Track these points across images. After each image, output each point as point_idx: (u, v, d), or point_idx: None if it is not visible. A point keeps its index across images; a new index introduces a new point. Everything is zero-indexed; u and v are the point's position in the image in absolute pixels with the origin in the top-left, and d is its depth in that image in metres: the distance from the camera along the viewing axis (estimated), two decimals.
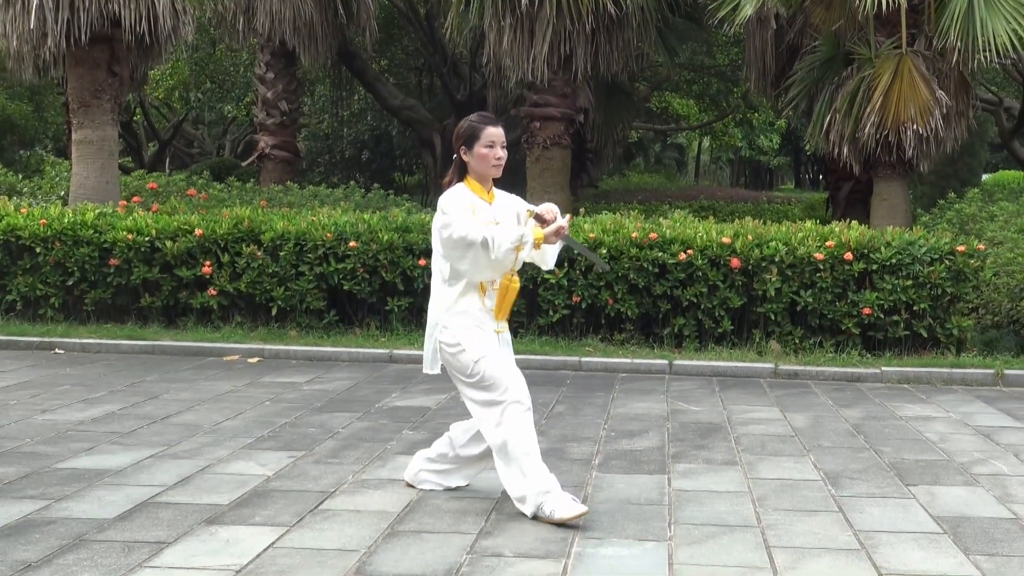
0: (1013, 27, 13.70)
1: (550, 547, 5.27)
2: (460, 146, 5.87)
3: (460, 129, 5.89)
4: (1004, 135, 26.42)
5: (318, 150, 30.09)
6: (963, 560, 5.22)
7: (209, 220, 12.16)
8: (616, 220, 12.10)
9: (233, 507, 5.88)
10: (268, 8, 18.34)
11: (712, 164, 68.18)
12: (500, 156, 5.86)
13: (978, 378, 10.44)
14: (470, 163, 5.85)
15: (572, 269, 11.38)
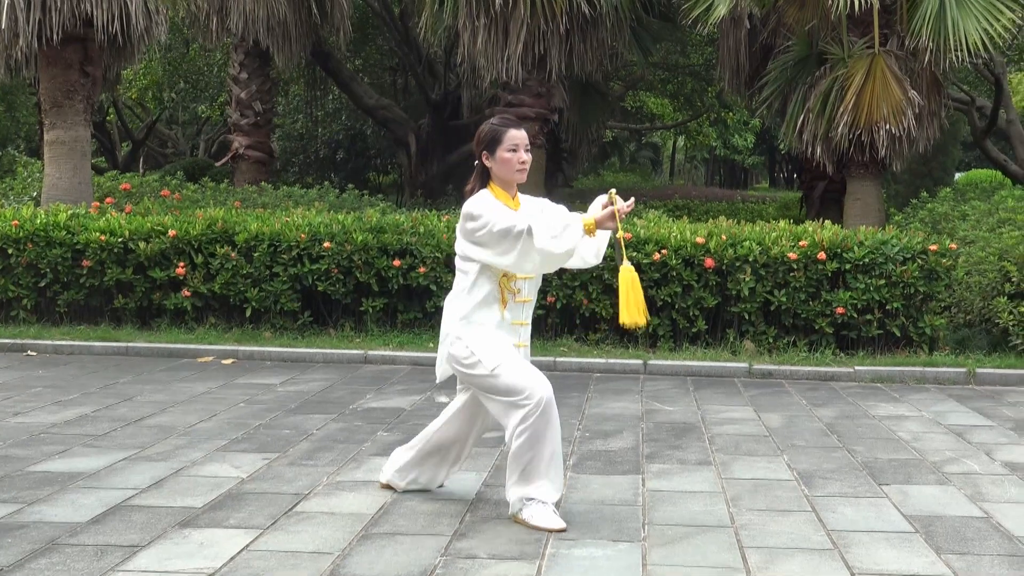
0: (984, 27, 13.77)
1: (524, 548, 5.28)
2: (482, 151, 5.69)
3: (481, 133, 5.73)
4: (976, 134, 26.53)
5: (292, 150, 30.03)
6: (935, 559, 5.25)
7: (183, 221, 12.12)
8: None
9: (207, 510, 5.87)
10: (241, 8, 18.27)
11: (687, 163, 68.31)
12: (524, 160, 5.67)
13: (950, 377, 10.49)
14: (493, 168, 5.68)
15: None
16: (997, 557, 5.30)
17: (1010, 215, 13.87)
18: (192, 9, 18.85)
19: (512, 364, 5.59)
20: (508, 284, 5.71)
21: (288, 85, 29.28)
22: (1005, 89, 25.64)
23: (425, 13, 17.17)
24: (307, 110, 29.60)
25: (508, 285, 5.71)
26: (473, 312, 5.67)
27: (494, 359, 5.57)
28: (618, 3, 16.47)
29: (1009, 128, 26.82)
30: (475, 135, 5.81)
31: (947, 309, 12.20)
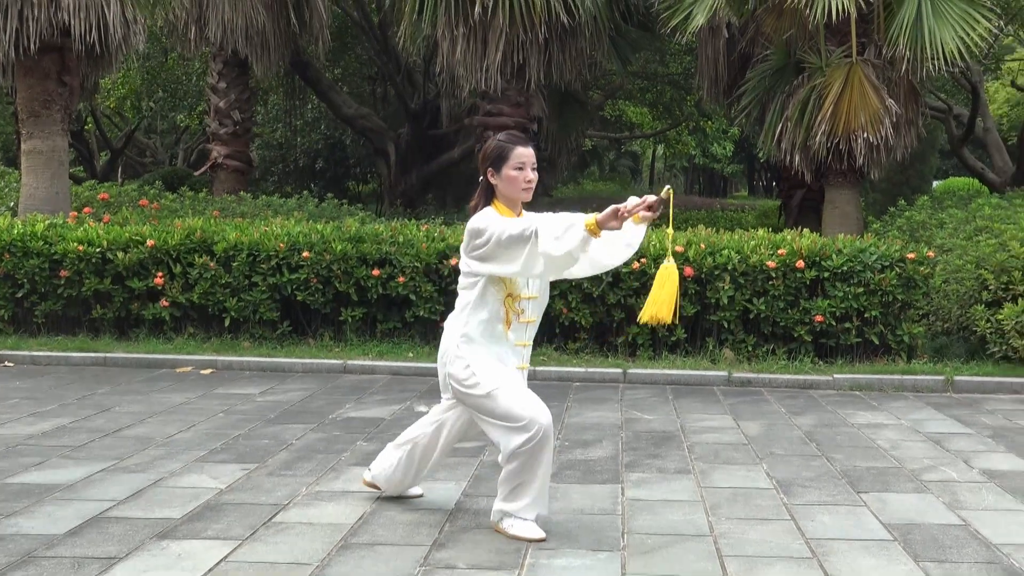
0: (960, 36, 13.84)
1: (503, 558, 5.27)
2: (487, 168, 5.56)
3: (487, 149, 5.60)
4: (954, 142, 26.69)
5: (272, 159, 29.99)
6: (913, 567, 5.26)
7: (161, 231, 12.08)
8: None
9: (185, 521, 5.84)
10: (220, 17, 18.26)
11: (666, 172, 68.46)
12: (531, 178, 5.56)
13: (928, 384, 10.53)
14: (498, 186, 5.55)
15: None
16: (975, 565, 5.32)
17: (987, 223, 13.94)
18: (170, 18, 18.79)
19: (512, 388, 5.50)
20: (513, 305, 5.61)
21: (267, 94, 29.25)
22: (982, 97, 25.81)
23: (404, 22, 17.17)
24: (286, 119, 29.57)
25: (513, 306, 5.61)
26: (475, 331, 5.56)
27: (493, 381, 5.49)
28: (597, 12, 16.50)
29: (986, 136, 26.99)
30: (481, 151, 5.72)
31: (925, 317, 12.26)
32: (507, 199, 5.57)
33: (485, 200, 5.61)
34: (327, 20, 20.39)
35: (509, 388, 5.49)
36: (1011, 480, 7.04)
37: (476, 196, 5.66)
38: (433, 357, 10.95)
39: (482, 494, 6.41)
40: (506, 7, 15.47)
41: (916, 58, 13.96)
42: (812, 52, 14.86)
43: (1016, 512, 6.27)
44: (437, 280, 11.57)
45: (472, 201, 5.69)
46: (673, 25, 15.28)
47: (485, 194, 5.62)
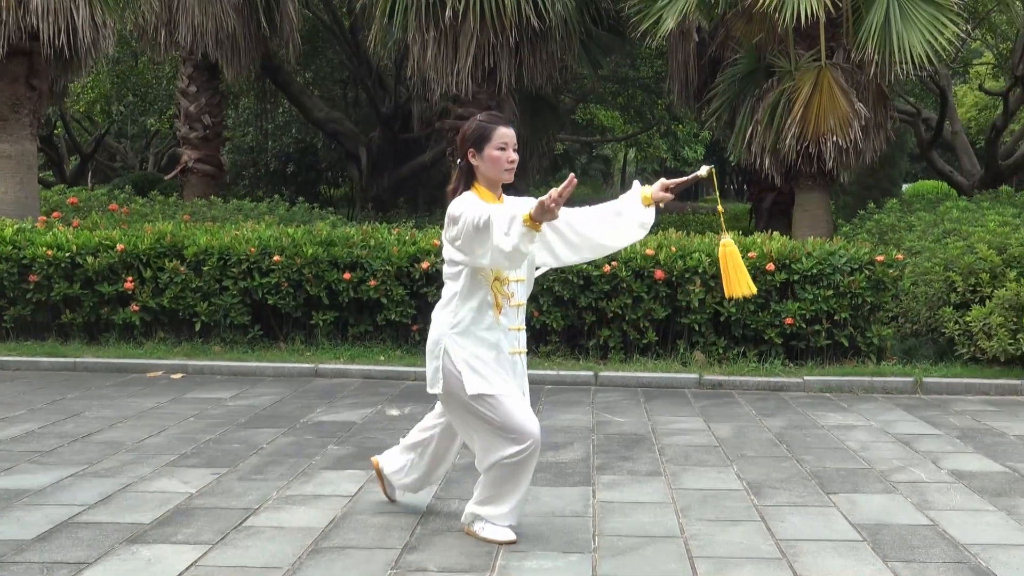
0: (928, 40, 13.93)
1: (475, 561, 5.28)
2: (468, 149, 5.40)
3: (468, 130, 5.43)
4: (922, 146, 26.86)
5: (243, 163, 29.89)
6: (881, 567, 5.30)
7: (131, 235, 12.03)
8: None
9: (155, 525, 5.83)
10: (190, 21, 18.21)
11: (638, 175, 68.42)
12: (513, 159, 5.41)
13: (898, 386, 10.59)
14: (479, 167, 5.39)
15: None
16: (942, 564, 5.35)
17: (955, 226, 14.04)
18: (140, 22, 18.71)
19: (511, 396, 5.37)
20: (501, 288, 5.43)
21: (238, 98, 29.17)
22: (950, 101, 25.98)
23: (375, 26, 17.15)
24: (257, 123, 29.50)
25: (501, 289, 5.43)
26: (467, 320, 5.37)
27: (493, 385, 5.34)
28: (567, 16, 16.54)
29: (954, 139, 27.17)
30: (460, 131, 5.53)
31: (894, 319, 12.33)
32: (488, 181, 5.43)
33: (465, 183, 5.44)
34: (298, 24, 20.35)
35: (508, 395, 5.35)
36: (979, 480, 7.09)
37: (455, 179, 5.50)
38: (405, 360, 11.04)
39: (454, 497, 6.41)
40: (477, 11, 15.49)
41: (884, 62, 14.05)
42: (781, 56, 14.94)
43: (984, 512, 6.32)
44: (409, 283, 11.57)
45: (451, 184, 5.52)
46: (643, 29, 15.34)
47: (465, 177, 5.45)
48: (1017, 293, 10.75)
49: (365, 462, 7.31)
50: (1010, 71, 26.11)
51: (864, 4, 14.28)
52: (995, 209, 15.57)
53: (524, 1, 15.63)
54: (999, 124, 25.95)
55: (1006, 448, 8.11)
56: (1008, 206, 16.29)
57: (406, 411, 9.22)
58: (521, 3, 15.61)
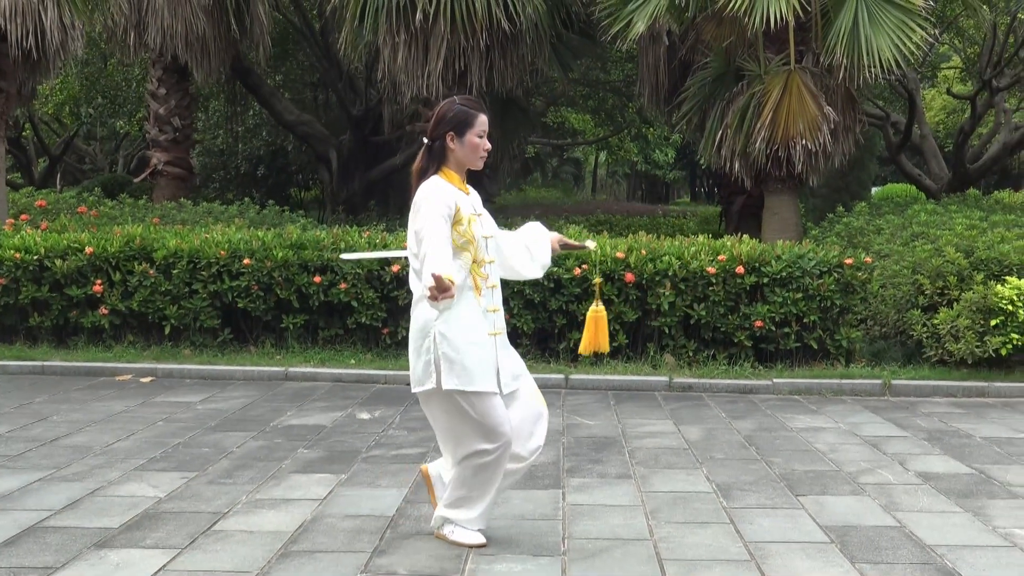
0: (896, 44, 14.00)
1: (444, 564, 5.28)
2: (448, 131, 5.32)
3: (448, 113, 5.35)
4: (891, 149, 26.98)
5: (213, 166, 29.75)
6: (849, 568, 5.33)
7: (100, 238, 11.98)
8: None
9: (124, 530, 5.81)
10: (159, 23, 18.13)
11: (609, 178, 68.66)
12: (488, 147, 5.44)
13: (866, 388, 10.65)
14: (455, 151, 5.35)
15: None
16: (909, 565, 5.39)
17: (923, 229, 14.14)
18: (109, 24, 18.61)
19: (494, 394, 5.34)
20: (479, 270, 5.39)
21: (208, 100, 29.04)
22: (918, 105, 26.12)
23: (345, 29, 17.12)
24: (227, 126, 29.34)
25: (479, 271, 5.39)
26: (452, 308, 5.20)
27: (480, 381, 5.27)
28: (538, 19, 16.54)
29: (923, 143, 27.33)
30: (436, 112, 5.41)
31: (863, 322, 12.39)
32: (459, 165, 5.42)
33: (436, 165, 5.37)
34: (268, 26, 20.26)
35: (492, 393, 5.32)
36: (946, 482, 7.14)
37: (423, 158, 5.39)
38: (376, 364, 11.04)
39: (424, 500, 6.41)
40: (447, 14, 15.49)
41: (853, 66, 14.10)
42: (751, 60, 14.99)
43: (950, 513, 6.37)
44: (379, 287, 11.56)
45: (418, 162, 5.40)
46: (614, 32, 15.35)
47: (436, 159, 5.37)
48: (984, 296, 10.83)
49: (335, 465, 7.32)
50: (978, 75, 26.31)
51: (833, 8, 14.34)
52: (962, 212, 15.69)
53: (494, 4, 15.64)
54: (967, 128, 26.14)
55: (973, 450, 8.17)
56: (975, 209, 16.42)
57: (376, 414, 9.21)
58: (491, 6, 15.62)
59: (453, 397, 5.28)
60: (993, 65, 24.79)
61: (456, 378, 5.24)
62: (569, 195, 47.87)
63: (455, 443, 5.44)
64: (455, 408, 5.32)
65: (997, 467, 7.62)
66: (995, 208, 17.30)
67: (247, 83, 24.20)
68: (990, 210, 16.69)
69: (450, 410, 5.35)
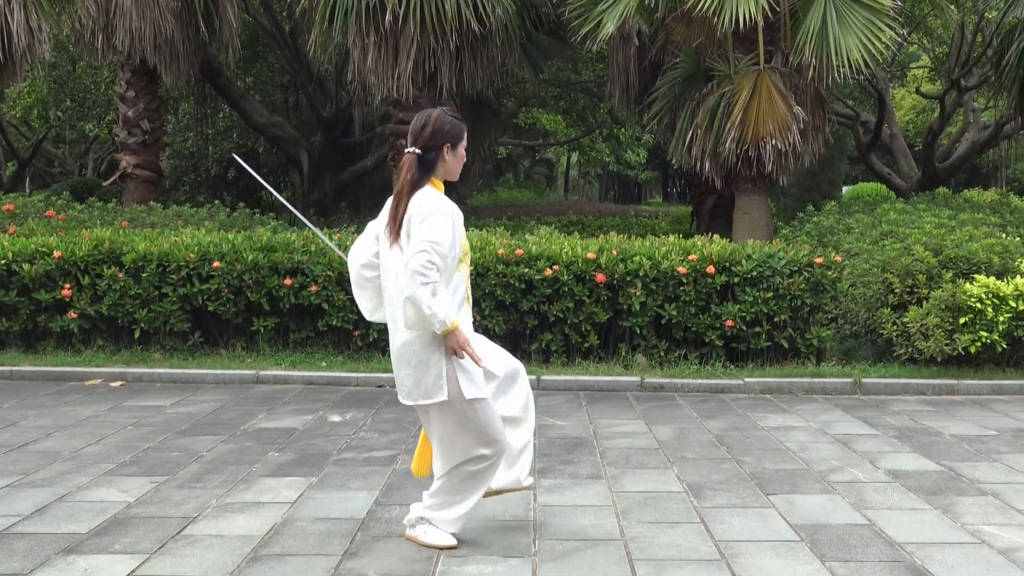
0: (865, 44, 14.06)
1: (415, 567, 5.27)
2: (444, 143, 5.35)
3: (445, 125, 5.37)
4: (861, 149, 27.12)
5: (183, 169, 29.62)
6: (819, 567, 5.35)
7: (68, 242, 11.91)
8: (482, 237, 12.14)
9: (92, 535, 5.77)
10: (127, 26, 18.03)
11: (581, 179, 68.72)
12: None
13: (837, 387, 10.69)
14: (447, 163, 5.39)
15: None
16: (879, 563, 5.41)
17: (892, 228, 14.19)
18: (77, 27, 18.51)
19: (491, 403, 5.43)
20: (468, 280, 5.52)
21: (177, 103, 28.94)
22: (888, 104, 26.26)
23: (315, 31, 17.07)
24: (197, 128, 29.22)
25: (468, 280, 5.52)
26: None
27: (483, 389, 5.38)
28: (507, 20, 16.53)
29: (892, 142, 27.49)
30: (432, 123, 5.36)
31: (833, 320, 12.44)
32: (445, 177, 5.45)
33: (427, 176, 5.35)
34: (237, 28, 20.17)
35: (491, 401, 5.42)
36: (915, 479, 7.17)
37: (415, 169, 5.33)
38: (347, 366, 11.03)
39: (395, 503, 6.40)
40: (417, 15, 15.47)
41: (822, 65, 14.15)
42: (721, 60, 15.03)
43: (919, 511, 6.39)
44: (350, 289, 11.50)
45: (410, 173, 5.31)
46: (584, 33, 15.35)
47: (429, 169, 5.35)
48: (953, 294, 10.89)
49: (306, 468, 7.30)
50: (946, 74, 26.45)
51: (801, 8, 14.39)
52: (931, 211, 15.77)
53: (464, 5, 15.64)
54: (936, 127, 26.29)
55: (942, 447, 8.21)
56: (944, 208, 16.50)
57: (347, 417, 9.19)
58: (461, 7, 15.61)
59: (461, 406, 5.30)
60: (961, 64, 24.95)
61: (475, 387, 5.32)
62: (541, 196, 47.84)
63: (454, 450, 5.45)
64: (461, 416, 5.34)
65: (966, 464, 7.67)
66: (964, 207, 17.39)
67: (217, 85, 24.12)
68: (959, 209, 16.77)
69: (456, 418, 5.36)
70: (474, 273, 11.14)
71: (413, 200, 5.25)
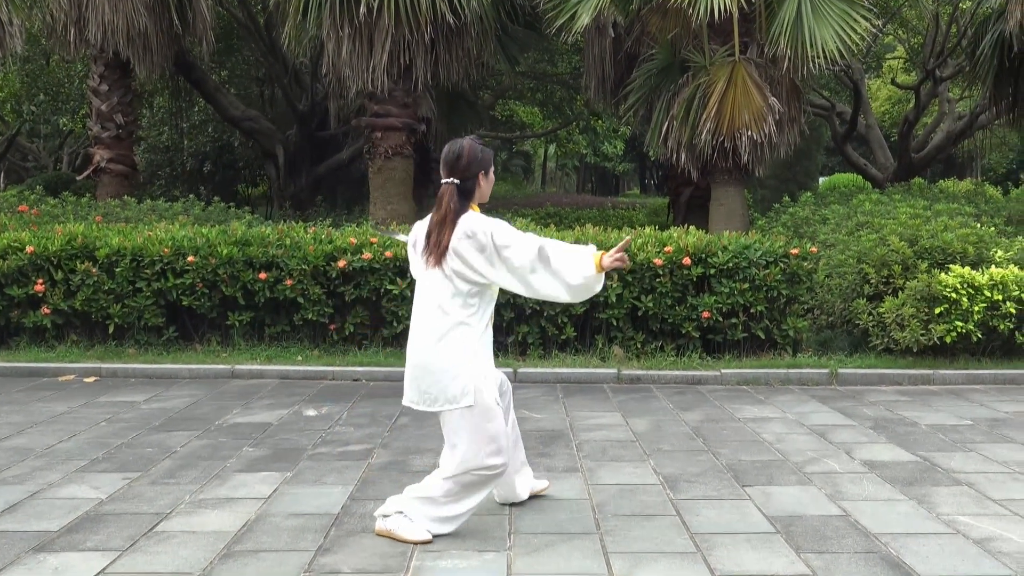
0: (840, 35, 14.08)
1: (389, 562, 5.24)
2: (479, 171, 5.63)
3: (475, 153, 5.63)
4: (837, 139, 27.19)
5: (158, 163, 29.48)
6: (795, 559, 5.34)
7: (41, 237, 11.83)
8: None
9: (64, 533, 5.72)
10: (100, 19, 17.90)
11: (558, 171, 68.71)
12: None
13: (813, 378, 10.71)
14: (482, 188, 5.65)
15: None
16: (854, 555, 5.40)
17: (868, 218, 14.22)
18: (48, 20, 18.38)
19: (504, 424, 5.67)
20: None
21: (152, 97, 28.79)
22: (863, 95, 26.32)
23: (289, 23, 16.97)
24: (172, 122, 29.10)
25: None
26: (481, 341, 5.63)
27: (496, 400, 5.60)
28: (482, 12, 16.47)
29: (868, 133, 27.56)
30: (466, 154, 5.62)
31: (809, 311, 12.46)
32: (480, 200, 5.69)
33: (466, 203, 5.60)
34: (211, 21, 20.03)
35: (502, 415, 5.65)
36: (891, 470, 7.18)
37: (454, 198, 5.55)
38: (323, 360, 10.98)
39: (369, 498, 6.37)
40: (391, 7, 15.39)
41: (797, 57, 14.18)
42: (696, 51, 15.02)
43: (895, 502, 6.39)
44: (325, 283, 11.48)
45: (451, 202, 5.54)
46: (559, 24, 15.34)
47: (468, 196, 5.61)
48: (928, 284, 10.91)
49: (280, 463, 7.26)
50: (921, 65, 26.53)
51: (776, 0, 14.40)
52: (907, 202, 15.81)
53: None
54: (911, 117, 26.36)
55: (918, 438, 8.23)
56: (919, 198, 16.55)
57: (323, 411, 9.15)
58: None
59: (477, 414, 5.51)
60: (936, 55, 25.02)
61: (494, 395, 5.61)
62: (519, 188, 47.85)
63: (467, 455, 5.55)
64: (475, 425, 5.52)
65: (941, 454, 7.68)
66: (939, 197, 17.46)
67: (191, 79, 24.00)
68: (934, 199, 16.84)
69: (472, 425, 5.52)
70: None
71: (462, 224, 5.49)
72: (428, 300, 5.60)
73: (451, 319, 5.53)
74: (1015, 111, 18.86)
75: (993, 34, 17.70)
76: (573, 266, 5.42)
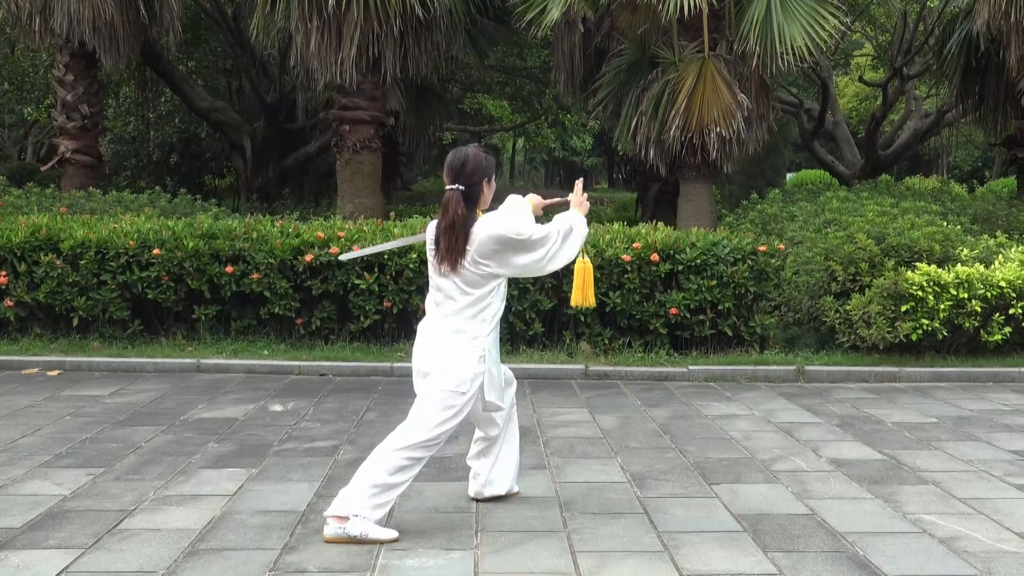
0: (809, 32, 14.12)
1: (355, 560, 5.21)
2: (483, 178, 5.71)
3: (481, 160, 5.72)
4: (805, 136, 27.29)
5: (124, 154, 29.26)
6: (761, 558, 5.33)
7: (4, 228, 11.71)
8: (427, 223, 12.05)
9: (25, 530, 5.65)
10: (65, 8, 17.71)
11: (527, 164, 68.69)
12: None
13: (780, 375, 10.73)
14: (484, 194, 5.74)
15: (383, 274, 11.30)
16: (820, 554, 5.41)
17: (835, 216, 14.27)
18: (13, 9, 18.18)
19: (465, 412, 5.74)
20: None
21: (118, 87, 28.53)
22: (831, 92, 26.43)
23: (257, 14, 16.84)
24: (139, 112, 28.87)
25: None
26: (491, 338, 5.79)
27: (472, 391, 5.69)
28: (452, 6, 16.42)
29: (836, 130, 27.66)
30: (471, 161, 5.70)
31: (777, 308, 12.48)
32: (482, 206, 5.78)
33: (473, 209, 5.69)
34: (178, 12, 19.84)
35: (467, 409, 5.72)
36: (857, 468, 7.19)
37: (461, 205, 5.61)
38: (289, 354, 10.96)
39: (335, 495, 6.31)
40: (360, 0, 15.31)
41: (766, 53, 14.21)
42: (666, 47, 15.03)
43: (861, 500, 6.41)
44: (292, 276, 11.42)
45: (459, 209, 5.60)
46: (529, 18, 15.31)
47: (474, 202, 5.70)
48: (895, 282, 10.95)
49: (246, 460, 7.21)
50: (889, 63, 26.65)
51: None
52: (874, 199, 15.88)
53: None
54: (878, 115, 26.50)
55: (884, 435, 8.26)
56: (887, 196, 16.63)
57: (289, 406, 9.10)
58: None
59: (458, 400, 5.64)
60: (904, 53, 25.14)
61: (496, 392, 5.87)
62: None
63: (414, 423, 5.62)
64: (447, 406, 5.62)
65: (907, 452, 7.70)
66: (906, 194, 17.54)
67: (158, 69, 23.81)
68: (901, 196, 16.91)
69: (442, 405, 5.63)
70: (418, 260, 11.07)
71: (476, 229, 5.59)
72: (443, 301, 5.77)
73: (465, 314, 5.69)
74: (981, 109, 19.00)
75: (960, 33, 17.81)
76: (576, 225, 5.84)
